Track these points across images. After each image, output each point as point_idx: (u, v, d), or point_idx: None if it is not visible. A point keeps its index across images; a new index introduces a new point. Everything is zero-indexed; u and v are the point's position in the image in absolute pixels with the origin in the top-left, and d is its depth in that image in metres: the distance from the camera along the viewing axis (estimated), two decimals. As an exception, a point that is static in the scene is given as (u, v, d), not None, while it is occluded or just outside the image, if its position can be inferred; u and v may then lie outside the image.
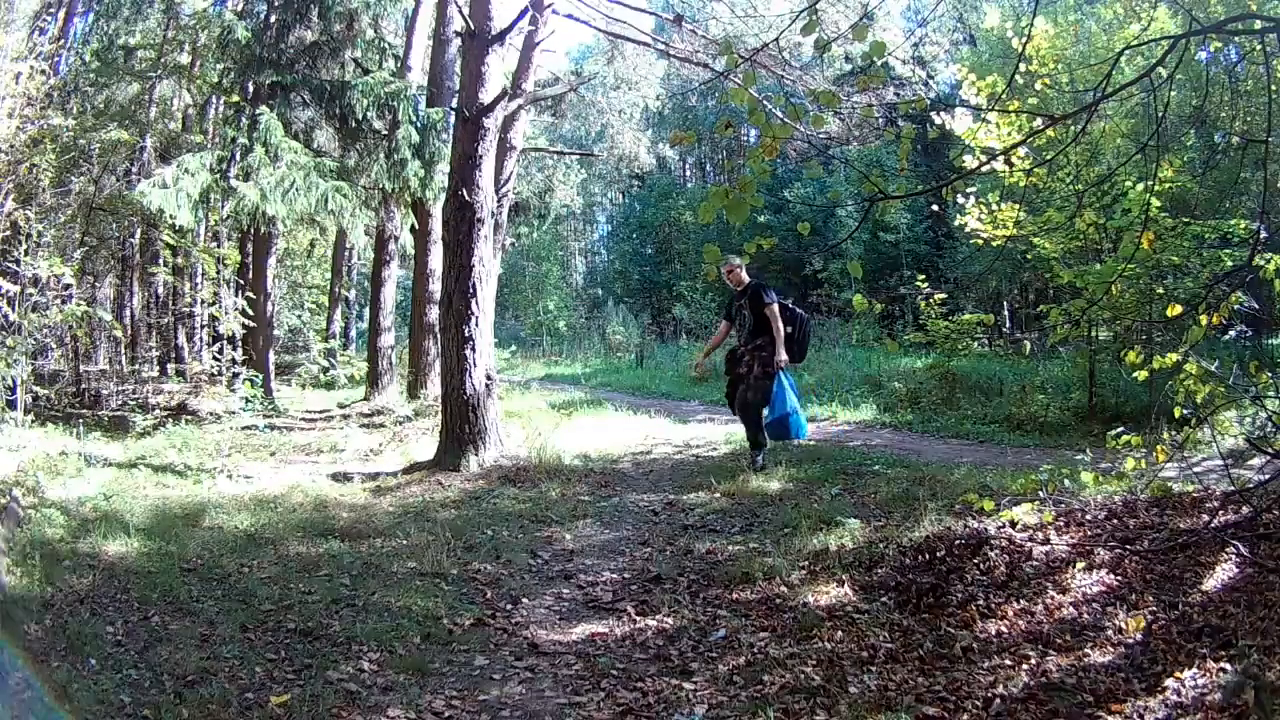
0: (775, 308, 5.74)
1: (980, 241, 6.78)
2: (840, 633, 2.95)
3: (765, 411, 5.79)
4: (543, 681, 2.81)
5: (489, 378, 6.51)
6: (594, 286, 33.27)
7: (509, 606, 3.54)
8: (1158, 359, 4.12)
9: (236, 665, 2.82)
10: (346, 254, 17.88)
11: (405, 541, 4.39)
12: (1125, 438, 4.11)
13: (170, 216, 8.56)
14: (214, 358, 11.75)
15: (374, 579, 3.79)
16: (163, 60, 12.38)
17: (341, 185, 9.21)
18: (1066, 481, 4.17)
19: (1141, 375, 4.14)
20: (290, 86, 9.74)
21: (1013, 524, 3.66)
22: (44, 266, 8.39)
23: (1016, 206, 6.18)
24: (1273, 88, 3.31)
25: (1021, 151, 4.38)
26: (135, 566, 3.85)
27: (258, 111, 9.22)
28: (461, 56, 7.51)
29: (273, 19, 10.06)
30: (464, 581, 3.81)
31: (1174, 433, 4.98)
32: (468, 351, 6.35)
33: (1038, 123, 4.44)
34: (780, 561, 3.75)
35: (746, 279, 5.95)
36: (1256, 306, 6.55)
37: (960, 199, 5.89)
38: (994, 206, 6.05)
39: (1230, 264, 6.45)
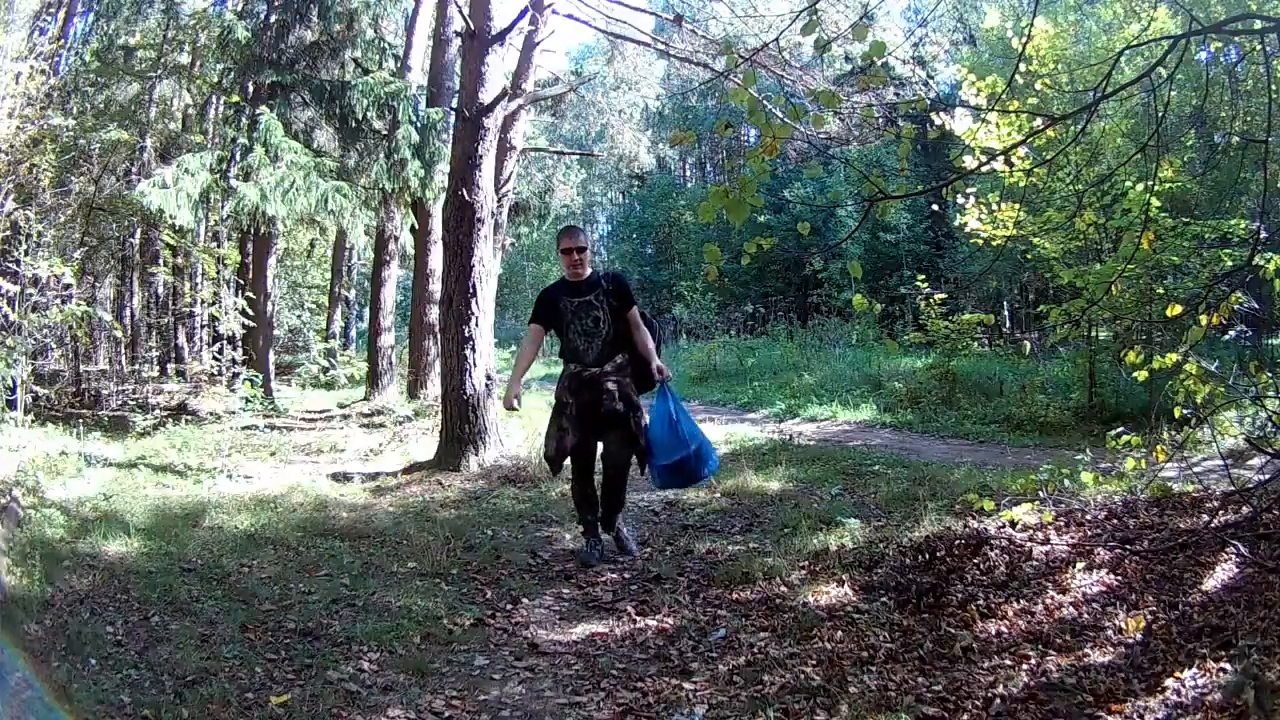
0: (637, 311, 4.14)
1: (980, 241, 6.78)
2: (840, 633, 2.95)
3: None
4: (543, 681, 2.81)
5: (489, 378, 6.51)
6: (594, 286, 33.20)
7: (509, 606, 3.54)
8: (1158, 359, 4.12)
9: (236, 665, 2.82)
10: (346, 254, 17.88)
11: (405, 541, 4.39)
12: (1125, 438, 4.12)
13: (170, 216, 8.56)
14: (214, 358, 11.77)
15: (374, 579, 3.79)
16: (163, 60, 12.39)
17: (341, 185, 9.21)
18: (1066, 481, 4.17)
19: (1141, 375, 4.15)
20: (290, 86, 9.75)
21: (1013, 524, 3.66)
22: (44, 266, 8.39)
23: (1016, 206, 6.17)
24: (1273, 88, 3.31)
25: (1021, 151, 4.38)
26: (135, 566, 3.85)
27: (258, 111, 9.22)
28: (461, 56, 7.51)
29: (273, 19, 10.05)
30: (464, 581, 3.81)
31: (1174, 433, 4.98)
32: (468, 351, 6.35)
33: (1038, 123, 4.44)
34: (780, 561, 3.75)
35: (589, 269, 4.17)
36: (1256, 306, 6.55)
37: (960, 199, 5.89)
38: (994, 206, 6.05)
39: (1230, 264, 6.45)
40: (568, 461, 4.18)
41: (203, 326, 14.82)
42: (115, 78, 11.79)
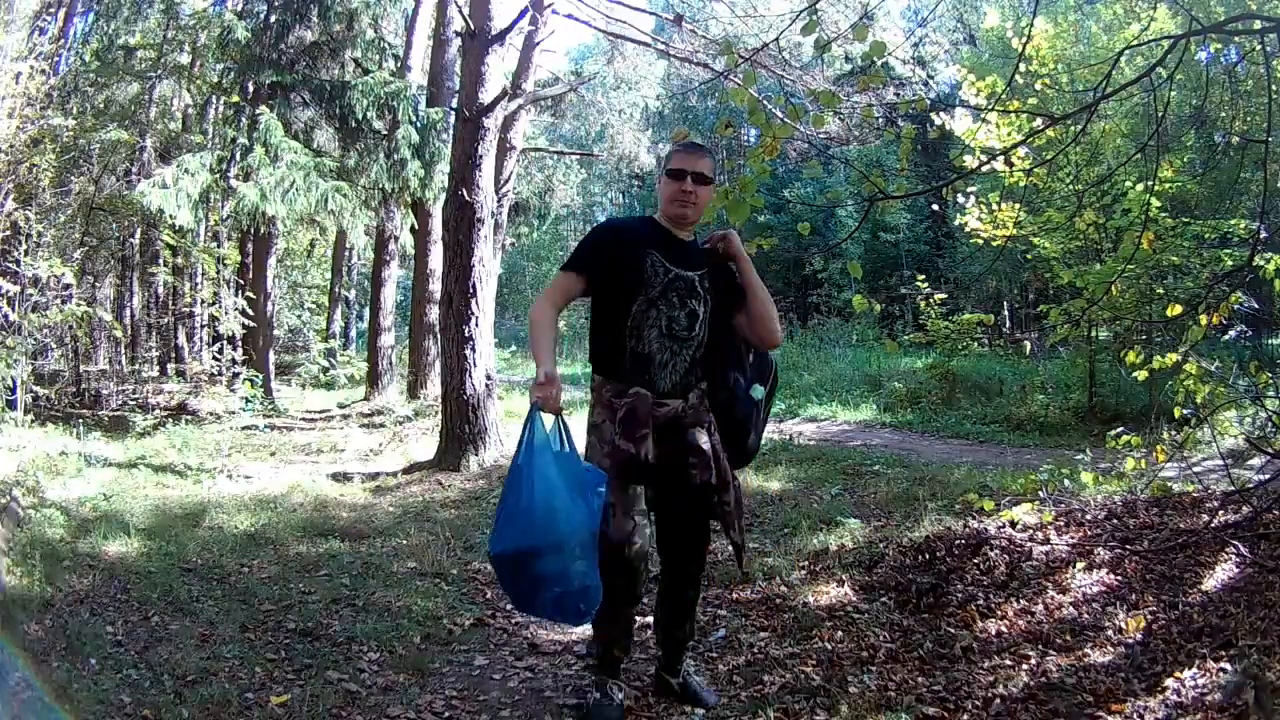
0: None
1: (980, 241, 6.78)
2: (840, 633, 2.95)
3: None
4: (543, 681, 2.81)
5: (489, 378, 6.52)
6: (594, 286, 33.16)
7: (509, 606, 3.53)
8: (1158, 359, 4.12)
9: (236, 665, 2.82)
10: (346, 254, 17.89)
11: (405, 541, 4.39)
12: (1125, 438, 4.12)
13: (170, 216, 8.57)
14: (214, 358, 11.78)
15: (374, 579, 3.79)
16: (163, 60, 12.39)
17: (341, 185, 9.22)
18: (1066, 481, 4.17)
19: (1141, 375, 4.14)
20: (290, 86, 9.75)
21: (1013, 524, 3.66)
22: (44, 266, 8.41)
23: (1016, 206, 6.17)
24: (1273, 88, 3.31)
25: (1021, 151, 4.38)
26: (135, 566, 3.85)
27: (258, 111, 9.23)
28: (461, 56, 7.51)
29: (273, 19, 10.06)
30: (464, 581, 3.81)
31: (1174, 433, 4.98)
32: (468, 351, 6.35)
33: (1038, 123, 4.44)
34: (780, 561, 3.75)
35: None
36: (1256, 306, 6.55)
37: (960, 199, 5.89)
38: (994, 206, 6.05)
39: (1230, 264, 6.45)
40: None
41: (203, 326, 14.82)
42: (115, 78, 11.79)
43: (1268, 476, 3.60)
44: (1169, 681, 2.30)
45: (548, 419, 2.13)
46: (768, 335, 2.47)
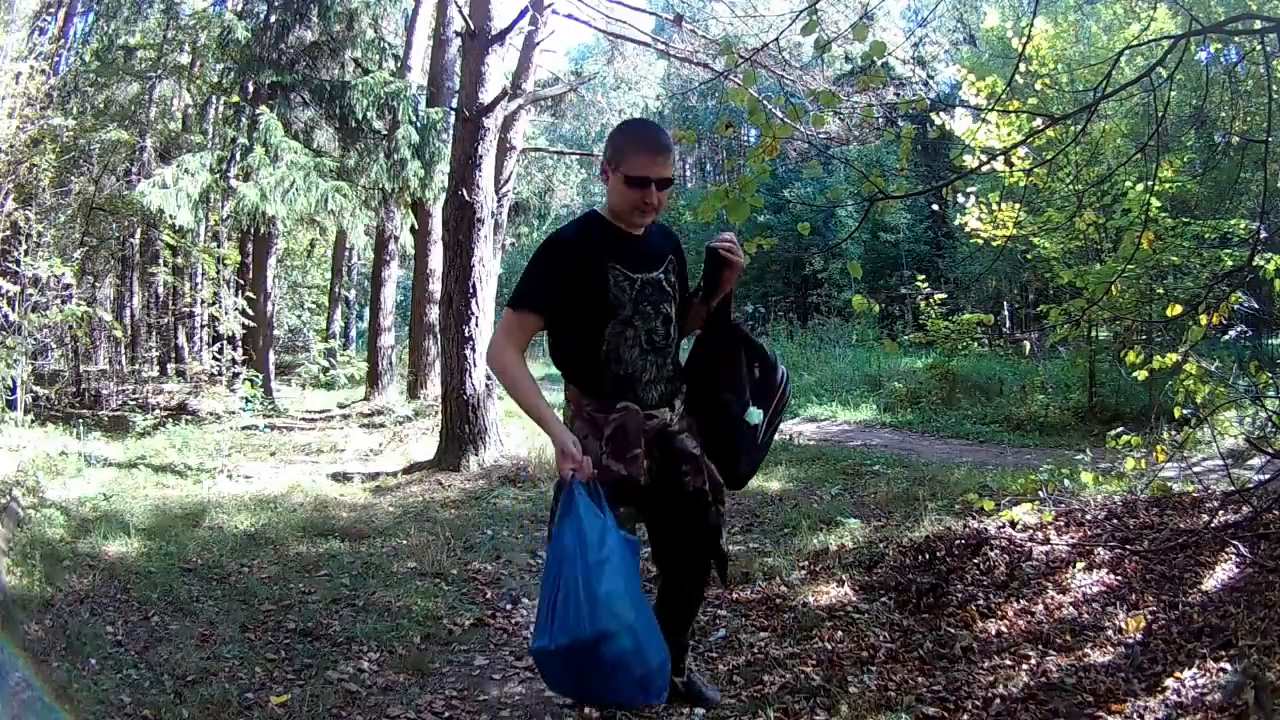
0: None
1: (980, 241, 6.79)
2: (840, 633, 2.95)
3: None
4: (542, 681, 2.81)
5: (489, 378, 6.51)
6: (594, 286, 33.16)
7: (509, 606, 3.54)
8: (1158, 359, 4.12)
9: (236, 665, 2.82)
10: (346, 254, 17.89)
11: (405, 541, 4.39)
12: (1125, 438, 4.12)
13: (170, 216, 8.58)
14: (214, 358, 11.79)
15: (374, 579, 3.79)
16: (163, 60, 12.39)
17: (341, 185, 9.22)
18: (1066, 481, 4.18)
19: (1141, 375, 4.15)
20: (290, 86, 9.76)
21: (1013, 524, 3.66)
22: (44, 266, 8.42)
23: (1016, 206, 6.17)
24: (1273, 88, 3.31)
25: (1021, 151, 4.38)
26: (135, 566, 3.86)
27: (258, 111, 9.24)
28: (461, 56, 7.51)
29: (273, 19, 10.06)
30: (464, 581, 3.81)
31: (1174, 433, 4.98)
32: (468, 351, 6.35)
33: (1038, 123, 4.44)
34: (780, 561, 3.75)
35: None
36: (1256, 306, 6.55)
37: (960, 199, 5.89)
38: (994, 206, 6.05)
39: (1230, 264, 6.46)
40: None
41: (203, 326, 14.83)
42: (115, 78, 11.79)
43: (1268, 476, 3.60)
44: (1169, 681, 2.30)
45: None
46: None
